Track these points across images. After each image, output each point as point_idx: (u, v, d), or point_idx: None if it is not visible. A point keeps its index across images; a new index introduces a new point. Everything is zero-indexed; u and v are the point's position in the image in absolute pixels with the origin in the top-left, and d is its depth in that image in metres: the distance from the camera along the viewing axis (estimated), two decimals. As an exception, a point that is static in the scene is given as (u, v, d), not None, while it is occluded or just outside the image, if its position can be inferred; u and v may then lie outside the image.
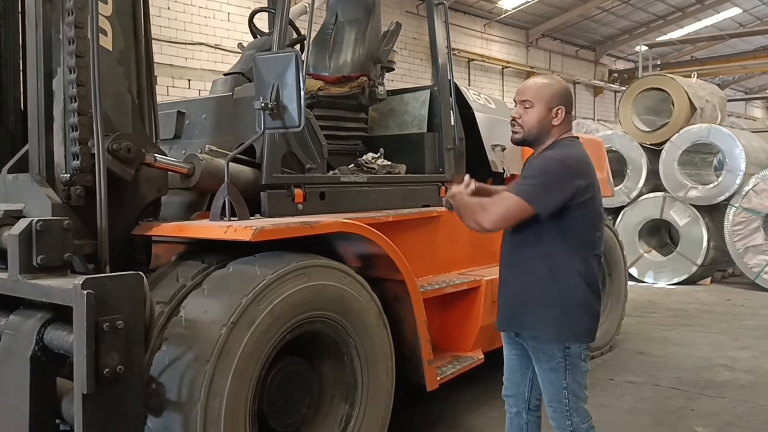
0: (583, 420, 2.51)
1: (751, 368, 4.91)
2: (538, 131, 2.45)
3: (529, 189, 2.35)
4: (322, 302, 2.74)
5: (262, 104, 2.72)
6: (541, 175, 2.36)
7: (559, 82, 2.53)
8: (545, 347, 2.45)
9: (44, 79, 2.66)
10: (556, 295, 2.41)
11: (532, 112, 2.44)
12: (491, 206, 2.38)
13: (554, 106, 2.43)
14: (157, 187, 2.88)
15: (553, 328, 2.42)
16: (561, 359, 2.43)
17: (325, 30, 4.33)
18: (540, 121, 2.43)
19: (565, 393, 2.46)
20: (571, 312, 2.41)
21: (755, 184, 8.04)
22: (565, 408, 2.47)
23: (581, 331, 2.45)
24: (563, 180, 2.34)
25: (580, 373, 2.48)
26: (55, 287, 2.13)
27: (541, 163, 2.40)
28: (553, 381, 2.47)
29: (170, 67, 9.98)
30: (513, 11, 16.94)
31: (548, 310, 2.42)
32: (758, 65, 18.48)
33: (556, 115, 2.44)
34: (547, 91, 2.44)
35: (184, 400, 2.30)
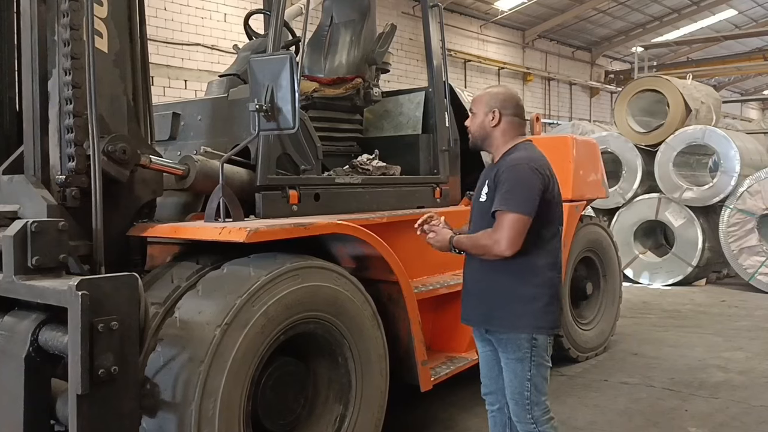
0: (544, 413, 2.57)
1: (745, 369, 4.94)
2: (481, 135, 2.63)
3: (521, 202, 2.43)
4: (316, 303, 2.76)
5: (256, 106, 2.74)
6: (521, 185, 2.45)
7: (499, 89, 2.69)
8: (514, 338, 2.53)
9: (39, 80, 2.68)
10: (527, 289, 2.51)
11: (474, 118, 2.64)
12: (498, 234, 2.42)
13: (489, 109, 2.59)
14: (152, 189, 2.89)
15: (523, 321, 2.51)
16: (528, 350, 2.51)
17: (321, 32, 4.34)
18: (480, 126, 2.62)
19: (528, 385, 2.53)
20: (540, 305, 2.51)
21: (750, 186, 8.07)
22: (527, 401, 2.54)
23: (549, 323, 2.54)
24: (535, 181, 2.46)
25: (544, 366, 2.56)
26: (50, 288, 2.14)
27: (515, 174, 2.47)
28: (517, 372, 2.54)
29: (167, 68, 9.99)
30: (509, 12, 16.99)
31: (518, 304, 2.51)
32: (753, 67, 18.55)
33: (493, 117, 2.57)
34: (484, 98, 2.63)
35: (178, 400, 2.32)
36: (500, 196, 2.45)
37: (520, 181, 2.44)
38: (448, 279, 3.83)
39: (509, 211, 2.41)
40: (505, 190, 2.44)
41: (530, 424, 2.55)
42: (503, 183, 2.46)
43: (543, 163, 2.53)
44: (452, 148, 4.19)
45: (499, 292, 2.54)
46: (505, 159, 2.57)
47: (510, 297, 2.52)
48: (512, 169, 2.48)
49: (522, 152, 2.54)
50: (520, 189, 2.43)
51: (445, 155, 4.12)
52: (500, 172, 2.51)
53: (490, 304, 2.57)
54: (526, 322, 2.51)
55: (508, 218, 2.41)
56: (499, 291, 2.54)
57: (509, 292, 2.52)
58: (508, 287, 2.52)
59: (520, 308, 2.51)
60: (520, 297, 2.51)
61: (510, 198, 2.42)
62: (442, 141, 4.08)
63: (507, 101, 2.61)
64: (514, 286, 2.51)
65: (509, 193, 2.43)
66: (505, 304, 2.53)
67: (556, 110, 19.84)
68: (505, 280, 2.52)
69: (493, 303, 2.56)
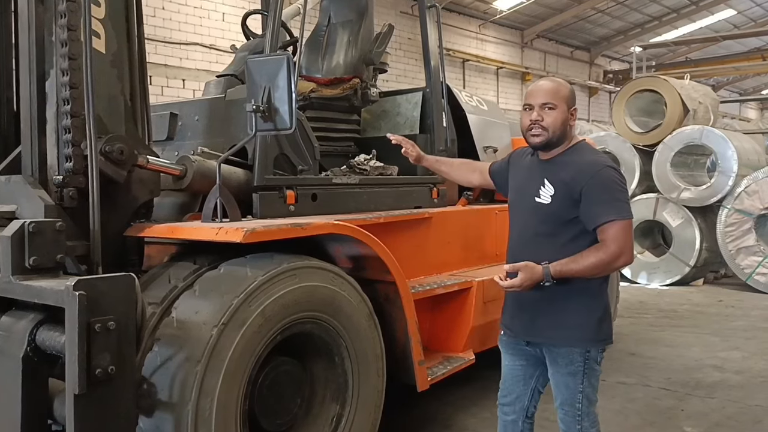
0: (593, 424, 2.49)
1: (741, 369, 4.95)
2: (562, 132, 2.40)
3: (627, 207, 2.33)
4: (313, 303, 2.76)
5: (254, 106, 2.74)
6: (621, 190, 2.35)
7: (569, 84, 2.52)
8: (566, 352, 2.42)
9: (37, 81, 2.68)
10: (581, 301, 2.39)
11: (555, 113, 2.37)
12: (617, 245, 2.27)
13: (572, 106, 2.43)
14: (149, 189, 2.89)
15: (577, 334, 2.40)
16: (581, 363, 2.41)
17: (318, 32, 4.35)
18: (564, 123, 2.39)
19: (580, 397, 2.44)
20: (594, 317, 2.41)
21: (747, 186, 8.09)
22: (578, 412, 2.45)
23: (603, 335, 2.44)
24: (626, 185, 2.41)
25: (595, 377, 2.47)
26: (47, 288, 2.15)
27: (611, 179, 2.34)
28: (569, 385, 2.45)
29: (165, 67, 9.99)
30: (508, 12, 16.99)
31: (572, 316, 2.40)
32: (752, 67, 18.56)
33: (572, 115, 2.43)
34: (565, 93, 2.42)
35: (175, 400, 2.32)
36: (603, 205, 2.29)
37: (617, 185, 2.33)
38: (445, 279, 3.84)
39: (621, 218, 2.28)
40: (608, 198, 2.30)
41: None
42: (598, 191, 2.30)
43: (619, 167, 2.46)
44: (449, 148, 4.20)
45: (550, 303, 2.40)
46: (575, 159, 2.40)
47: (563, 309, 2.39)
48: (601, 173, 2.32)
49: (597, 155, 2.45)
50: (621, 194, 2.33)
51: (443, 155, 4.12)
52: (582, 175, 2.33)
53: (542, 316, 2.44)
54: (581, 335, 2.40)
55: (622, 226, 2.27)
56: (550, 302, 2.40)
57: (562, 304, 2.39)
58: (560, 299, 2.38)
59: (574, 321, 2.39)
60: (574, 310, 2.39)
61: (618, 205, 2.29)
62: (439, 141, 4.09)
63: (575, 97, 2.47)
64: (567, 298, 2.38)
65: (615, 200, 2.30)
66: (558, 317, 2.40)
67: (554, 110, 19.80)
68: (557, 291, 2.36)
69: (542, 315, 2.43)
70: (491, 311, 3.95)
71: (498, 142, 4.76)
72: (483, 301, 3.85)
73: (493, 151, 4.65)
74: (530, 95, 2.44)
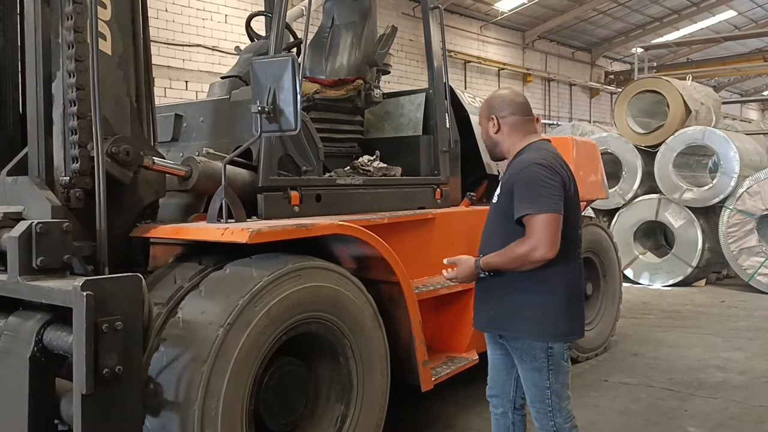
0: (566, 420, 2.52)
1: (744, 369, 4.95)
2: (490, 145, 2.64)
3: (547, 201, 2.32)
4: (317, 303, 2.77)
5: (259, 107, 2.76)
6: (541, 184, 2.35)
7: (493, 94, 2.67)
8: (528, 348, 2.46)
9: (43, 82, 2.69)
10: (540, 296, 2.43)
11: (482, 131, 2.66)
12: (534, 239, 2.31)
13: (487, 117, 2.60)
14: (155, 190, 2.91)
15: (537, 329, 2.44)
16: (544, 359, 2.45)
17: (322, 33, 4.36)
18: (487, 136, 2.63)
19: (548, 393, 2.48)
20: (553, 312, 2.44)
21: (749, 186, 8.09)
22: (548, 408, 2.49)
23: (564, 330, 2.47)
24: (554, 179, 2.37)
25: (563, 372, 2.50)
26: (55, 289, 2.16)
27: (530, 174, 2.38)
28: (536, 381, 2.49)
29: (168, 69, 10.01)
30: (509, 13, 17.01)
31: (531, 311, 2.44)
32: (753, 68, 18.57)
33: (493, 124, 2.57)
34: (481, 108, 2.64)
35: (181, 400, 2.33)
36: (522, 200, 2.34)
37: (540, 180, 2.34)
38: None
39: (539, 212, 2.31)
40: (526, 193, 2.34)
41: (552, 430, 2.51)
42: (520, 186, 2.37)
43: (556, 162, 2.43)
44: (452, 149, 4.21)
45: (511, 298, 2.47)
46: (514, 161, 2.51)
47: (521, 304, 2.44)
48: (525, 170, 2.39)
49: (533, 153, 2.46)
50: (541, 189, 2.33)
51: (446, 156, 4.13)
52: (512, 174, 2.44)
53: (500, 309, 2.51)
54: (538, 329, 2.43)
55: (540, 219, 2.30)
56: (511, 297, 2.46)
57: (521, 299, 2.44)
58: (519, 294, 2.44)
59: (532, 315, 2.43)
60: (531, 304, 2.43)
61: (534, 199, 2.32)
62: (442, 142, 4.10)
63: (501, 104, 2.57)
64: (526, 292, 2.43)
65: (532, 195, 2.33)
66: (517, 312, 2.46)
67: (556, 111, 19.86)
68: (516, 286, 2.44)
69: (504, 308, 2.50)
70: (495, 312, 3.96)
71: (501, 143, 4.76)
72: (486, 301, 3.85)
73: (496, 152, 4.65)
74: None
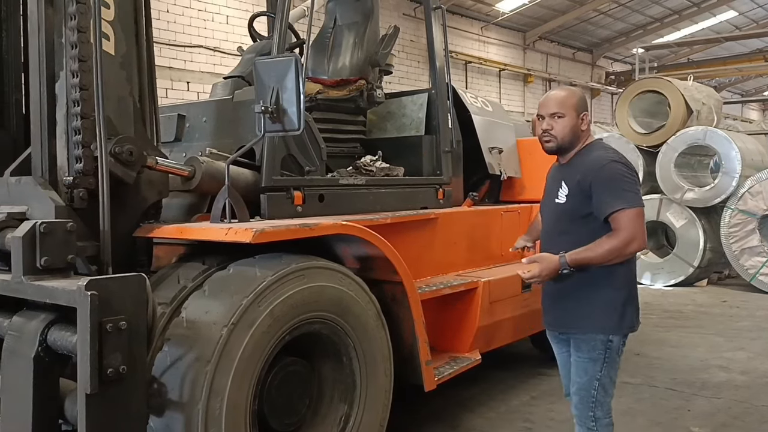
0: (605, 414, 2.61)
1: (747, 369, 4.95)
2: (571, 138, 2.62)
3: (635, 196, 2.47)
4: (321, 303, 2.77)
5: (262, 107, 2.76)
6: (628, 181, 2.49)
7: (579, 91, 2.75)
8: (589, 339, 2.58)
9: (47, 82, 2.69)
10: (607, 291, 2.54)
11: (563, 121, 2.60)
12: (628, 232, 2.41)
13: (581, 112, 2.63)
14: (158, 190, 2.90)
15: (600, 322, 2.55)
16: (602, 351, 2.56)
17: (324, 33, 4.36)
18: (572, 129, 2.61)
19: (596, 384, 2.57)
20: (618, 307, 2.55)
21: (751, 186, 8.09)
22: (592, 399, 2.59)
23: (625, 324, 2.58)
24: (635, 177, 2.54)
25: (614, 368, 2.61)
26: (59, 288, 2.15)
27: (617, 172, 2.49)
28: (588, 370, 2.59)
29: (169, 70, 10.02)
30: (510, 14, 17.01)
31: (597, 306, 2.55)
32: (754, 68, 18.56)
33: (583, 120, 2.63)
34: (573, 101, 2.63)
35: (185, 399, 2.33)
36: (612, 195, 2.44)
37: (623, 177, 2.48)
38: (451, 279, 3.85)
39: (630, 207, 2.42)
40: (613, 190, 2.45)
41: (590, 421, 2.61)
42: (604, 184, 2.46)
43: (627, 159, 2.58)
44: (455, 149, 4.21)
45: (579, 295, 2.57)
46: (585, 158, 2.59)
47: (587, 299, 2.55)
48: (606, 168, 2.49)
49: (602, 151, 2.59)
50: (628, 185, 2.47)
51: (448, 156, 4.13)
52: (587, 173, 2.51)
53: (568, 308, 2.61)
54: (603, 323, 2.55)
55: (632, 214, 2.42)
56: (579, 294, 2.57)
57: (586, 294, 2.55)
58: (584, 289, 2.55)
59: (597, 310, 2.54)
60: (596, 299, 2.54)
61: (622, 195, 2.43)
62: (444, 142, 4.10)
63: (586, 103, 2.69)
64: (591, 287, 2.54)
65: (621, 190, 2.44)
66: (582, 306, 2.57)
67: (557, 111, 19.82)
68: (582, 281, 2.53)
69: (572, 306, 2.60)
70: (497, 312, 3.96)
71: (503, 143, 4.77)
72: (489, 301, 3.85)
73: (498, 152, 4.66)
74: (541, 106, 2.67)
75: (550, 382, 4.66)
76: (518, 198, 4.87)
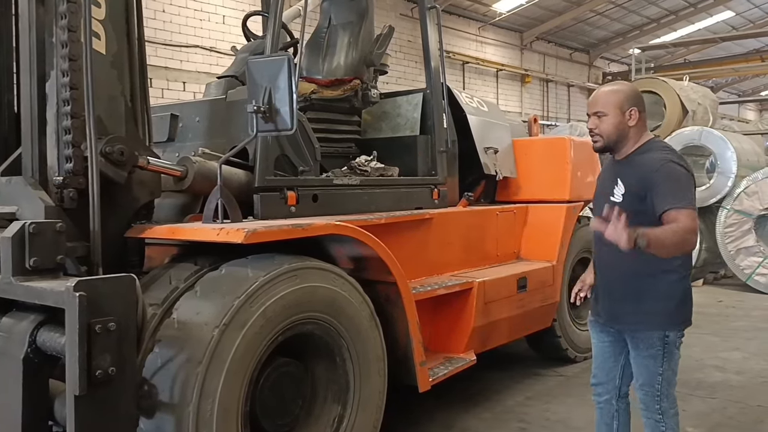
0: (671, 405, 2.65)
1: (742, 369, 4.95)
2: (617, 136, 2.60)
3: (692, 198, 2.45)
4: (314, 304, 2.76)
5: (254, 107, 2.74)
6: (685, 183, 2.47)
7: (626, 86, 2.70)
8: (646, 336, 2.59)
9: (37, 82, 2.68)
10: (660, 289, 2.56)
11: (607, 120, 2.59)
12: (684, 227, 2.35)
13: (626, 109, 2.58)
14: (150, 190, 2.89)
15: (657, 320, 2.57)
16: (660, 347, 2.58)
17: (319, 33, 4.35)
18: (617, 127, 2.58)
19: (659, 379, 2.61)
20: (672, 303, 2.58)
21: (747, 186, 8.10)
22: (657, 393, 2.62)
23: (681, 319, 2.61)
24: (692, 180, 2.51)
25: (675, 360, 2.63)
26: (47, 289, 2.14)
27: (676, 173, 2.47)
28: (649, 367, 2.61)
29: (165, 70, 9.99)
30: (507, 14, 17.01)
31: (654, 302, 2.57)
32: (750, 68, 18.57)
33: (630, 116, 2.58)
34: (616, 97, 2.60)
35: (176, 401, 2.31)
36: (669, 195, 2.42)
37: (683, 177, 2.47)
38: (446, 280, 3.84)
39: (685, 207, 2.40)
40: (673, 188, 2.43)
41: (657, 414, 2.64)
42: (664, 182, 2.45)
43: (688, 164, 2.57)
44: (450, 149, 4.20)
45: (632, 289, 2.59)
46: (644, 157, 2.56)
47: (643, 295, 2.57)
48: (666, 167, 2.48)
49: (663, 152, 2.56)
50: (685, 185, 2.46)
51: (443, 156, 4.12)
52: (647, 172, 2.49)
53: (622, 301, 2.63)
54: (660, 320, 2.57)
55: (689, 212, 2.39)
56: (632, 288, 2.59)
57: (642, 289, 2.57)
58: (641, 284, 2.57)
59: (653, 306, 2.56)
60: (654, 295, 2.56)
61: (681, 196, 2.42)
62: (440, 142, 4.09)
63: (639, 98, 2.63)
64: (648, 283, 2.56)
65: (678, 191, 2.43)
66: (638, 302, 2.58)
67: (554, 111, 19.87)
68: (639, 277, 2.56)
69: (625, 300, 2.62)
70: (492, 312, 3.95)
71: (499, 144, 4.76)
72: (484, 301, 3.84)
73: (493, 152, 4.64)
74: (588, 104, 2.69)
75: (545, 382, 4.65)
76: (514, 198, 4.85)
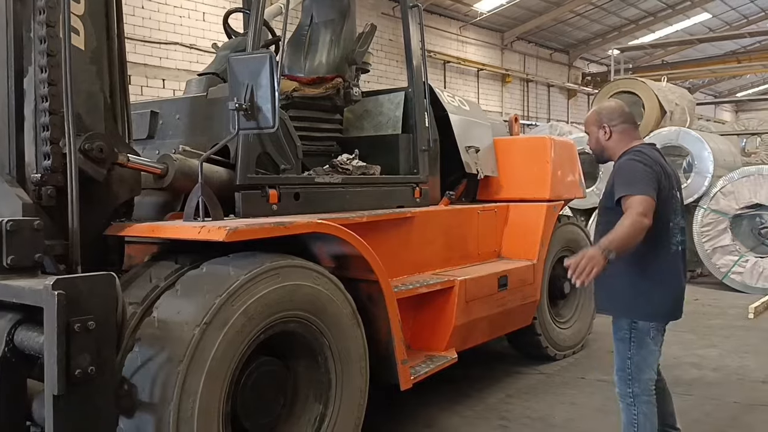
0: (644, 392, 2.83)
1: (718, 366, 5.02)
2: (599, 150, 3.00)
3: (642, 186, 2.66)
4: (296, 302, 2.75)
5: (236, 105, 2.73)
6: (637, 174, 2.71)
7: (605, 106, 3.04)
8: (619, 321, 2.89)
9: (15, 77, 2.64)
10: (631, 278, 2.80)
11: (590, 137, 3.02)
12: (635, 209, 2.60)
13: (600, 125, 2.95)
14: (130, 188, 2.86)
15: (623, 305, 2.85)
16: (627, 331, 2.83)
17: (301, 31, 4.34)
18: (596, 142, 2.99)
19: (629, 363, 2.83)
20: (638, 291, 2.80)
21: (723, 186, 8.21)
22: (628, 376, 2.83)
23: (650, 311, 2.82)
24: (648, 172, 2.71)
25: (646, 349, 2.83)
26: (25, 288, 2.11)
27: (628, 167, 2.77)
28: (619, 350, 2.88)
29: (144, 67, 9.89)
30: (488, 14, 17.10)
31: (622, 292, 2.83)
32: (727, 69, 18.88)
33: (605, 132, 2.93)
34: (594, 117, 3.00)
35: (156, 400, 2.30)
36: (622, 186, 2.70)
37: (635, 171, 2.72)
38: (427, 278, 3.85)
39: (635, 194, 2.63)
40: (624, 181, 2.72)
41: (629, 398, 2.85)
42: (619, 176, 2.76)
43: (651, 160, 2.78)
44: (432, 148, 4.21)
45: (613, 282, 2.81)
46: (617, 162, 2.91)
47: (617, 286, 2.83)
48: (624, 163, 2.80)
49: (631, 154, 2.83)
50: (639, 177, 2.68)
51: (425, 155, 4.13)
52: (613, 172, 2.85)
53: (606, 293, 2.91)
54: (625, 306, 2.84)
55: (636, 199, 2.62)
56: (613, 281, 2.80)
57: (618, 281, 2.80)
58: (618, 277, 2.78)
59: (621, 294, 2.83)
60: (623, 285, 2.81)
61: (631, 185, 2.67)
62: (421, 141, 4.10)
63: (611, 114, 2.95)
64: (623, 275, 2.78)
65: (629, 181, 2.70)
66: (614, 293, 2.86)
67: (534, 111, 20.01)
68: (619, 270, 2.73)
69: (608, 292, 2.90)
70: (474, 310, 3.97)
71: (480, 142, 4.78)
72: (465, 300, 3.86)
73: (475, 151, 4.66)
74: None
75: (526, 379, 4.69)
76: (495, 197, 4.88)
